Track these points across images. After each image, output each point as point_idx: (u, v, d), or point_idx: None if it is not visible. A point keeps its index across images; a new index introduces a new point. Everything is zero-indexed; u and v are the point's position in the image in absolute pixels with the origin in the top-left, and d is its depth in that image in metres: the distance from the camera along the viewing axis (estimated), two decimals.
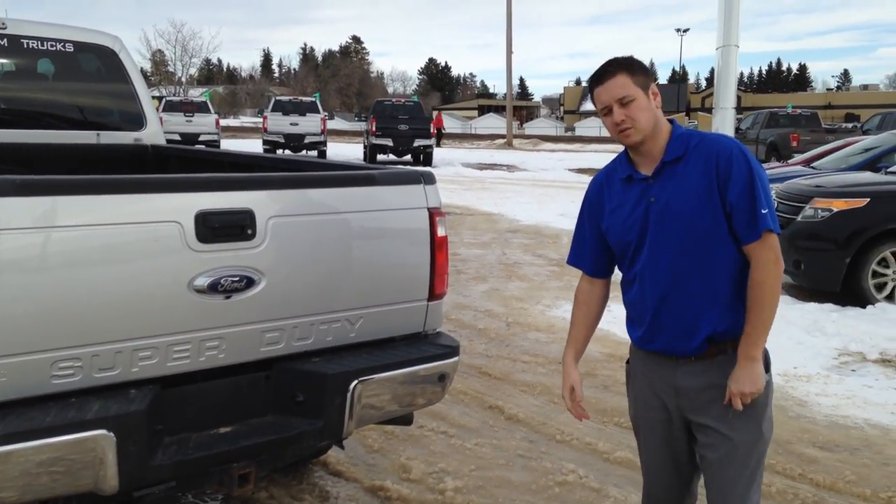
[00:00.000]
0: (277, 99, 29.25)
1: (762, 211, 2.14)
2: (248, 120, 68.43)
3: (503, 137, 42.92)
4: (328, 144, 27.53)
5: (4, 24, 4.25)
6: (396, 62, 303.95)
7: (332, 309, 2.73)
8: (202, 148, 12.72)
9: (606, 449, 4.08)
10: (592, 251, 2.45)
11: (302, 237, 2.65)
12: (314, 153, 25.90)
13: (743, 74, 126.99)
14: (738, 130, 20.43)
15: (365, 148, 26.84)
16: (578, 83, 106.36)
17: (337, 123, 57.36)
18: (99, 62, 4.66)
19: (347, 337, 2.79)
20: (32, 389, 2.19)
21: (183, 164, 4.55)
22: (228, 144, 28.19)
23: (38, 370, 2.20)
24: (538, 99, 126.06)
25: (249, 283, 2.49)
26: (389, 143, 25.26)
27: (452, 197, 15.76)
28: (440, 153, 28.93)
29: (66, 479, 2.15)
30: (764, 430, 2.28)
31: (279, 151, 25.42)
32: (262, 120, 28.76)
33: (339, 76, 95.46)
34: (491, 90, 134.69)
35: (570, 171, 24.47)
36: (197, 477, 2.51)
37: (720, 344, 2.24)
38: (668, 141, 2.25)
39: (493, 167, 26.02)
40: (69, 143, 4.45)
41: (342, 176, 2.94)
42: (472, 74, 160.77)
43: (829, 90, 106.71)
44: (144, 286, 2.34)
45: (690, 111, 68.00)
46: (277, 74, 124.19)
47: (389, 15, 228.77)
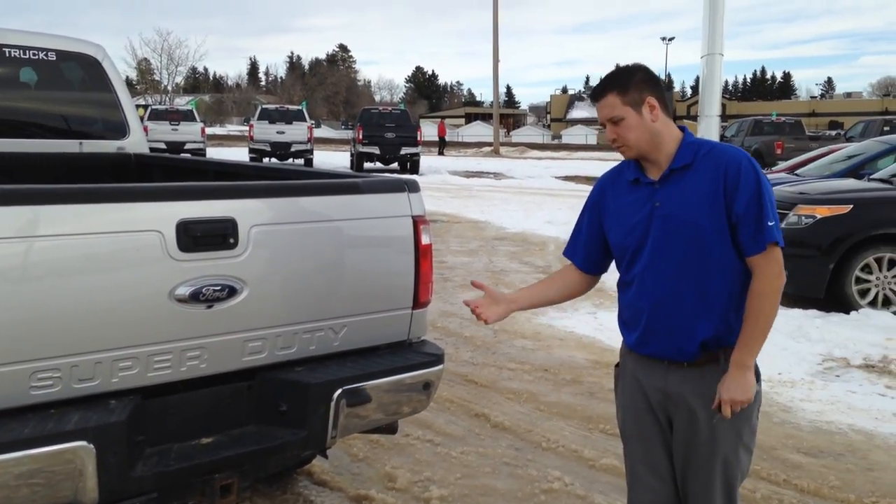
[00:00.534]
0: (264, 107, 29.17)
1: (769, 223, 2.16)
2: (234, 128, 68.28)
3: (490, 145, 43.02)
4: (315, 153, 27.49)
5: None
6: (383, 70, 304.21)
7: (315, 318, 2.72)
8: (186, 156, 12.67)
9: (592, 456, 4.08)
10: (586, 246, 2.49)
11: (285, 246, 2.64)
12: (301, 161, 25.86)
13: (728, 82, 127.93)
14: (722, 138, 20.59)
15: (352, 156, 26.82)
16: (565, 91, 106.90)
17: (324, 132, 57.29)
18: (82, 71, 4.63)
19: (331, 346, 2.78)
20: (11, 400, 2.17)
21: (166, 172, 4.53)
22: (214, 153, 28.10)
23: (16, 381, 2.17)
24: (525, 107, 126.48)
25: (231, 292, 2.48)
26: (376, 151, 25.27)
27: (439, 205, 15.77)
28: (427, 161, 28.95)
29: (45, 491, 2.13)
30: (745, 440, 2.30)
31: (266, 160, 25.35)
32: (248, 128, 28.68)
33: (325, 84, 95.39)
34: (478, 98, 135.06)
35: (556, 178, 24.55)
36: (178, 488, 2.48)
37: (713, 352, 2.26)
38: (677, 148, 2.27)
39: (479, 175, 26.07)
40: (52, 151, 4.42)
41: (326, 184, 2.94)
42: (459, 82, 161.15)
43: (812, 98, 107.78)
44: (125, 296, 2.32)
45: (676, 119, 68.35)
46: (264, 83, 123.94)
47: (376, 23, 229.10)
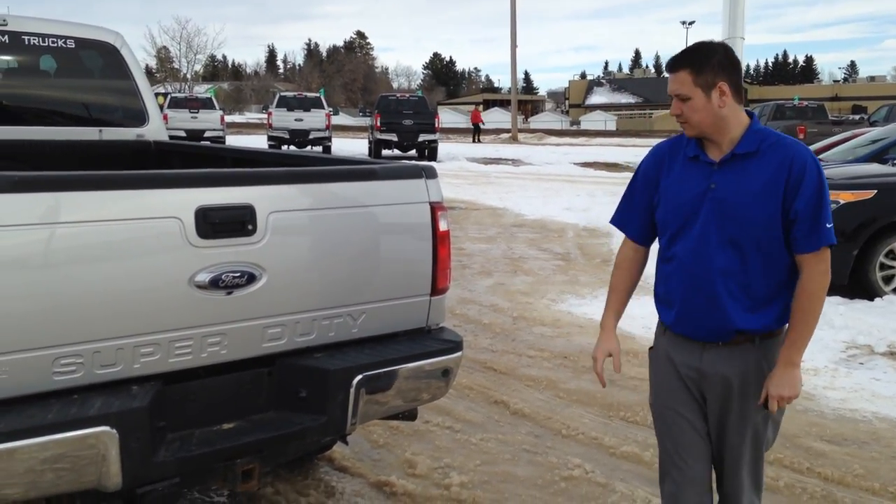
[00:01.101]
0: (282, 95, 29.20)
1: (827, 225, 2.20)
2: (253, 116, 68.46)
3: (508, 132, 42.84)
4: (333, 140, 27.51)
5: (5, 20, 4.24)
6: (401, 57, 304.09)
7: (333, 304, 2.72)
8: (204, 144, 12.73)
9: (613, 443, 4.07)
10: (640, 217, 2.48)
11: (303, 232, 2.64)
12: (319, 149, 25.88)
13: (749, 67, 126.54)
14: None
15: (370, 143, 26.82)
16: (583, 76, 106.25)
17: (342, 119, 57.31)
18: (101, 58, 4.65)
19: (350, 332, 2.78)
20: (34, 386, 2.19)
21: (185, 160, 4.54)
22: (234, 140, 28.22)
23: (39, 367, 2.19)
24: (543, 93, 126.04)
25: (251, 278, 2.48)
26: (394, 138, 25.23)
27: (457, 192, 15.73)
28: (445, 148, 28.86)
29: (70, 475, 2.15)
30: (775, 416, 2.37)
31: (284, 147, 25.41)
32: (266, 116, 28.73)
33: (343, 72, 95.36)
34: (496, 84, 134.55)
35: (575, 164, 24.41)
36: (200, 473, 2.50)
37: (748, 333, 2.29)
38: (742, 134, 2.26)
39: (497, 161, 25.98)
40: (71, 139, 4.45)
41: (343, 171, 2.92)
42: (476, 69, 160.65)
43: (835, 82, 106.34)
44: (145, 282, 2.33)
45: None
46: (282, 70, 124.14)
47: (394, 10, 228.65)
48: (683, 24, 71.05)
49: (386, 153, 25.23)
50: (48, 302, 2.19)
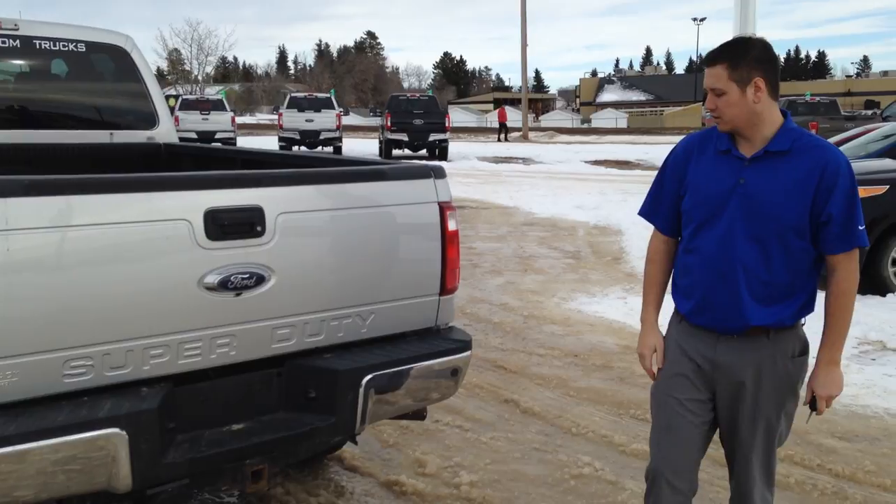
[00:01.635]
0: (293, 96, 29.25)
1: (860, 227, 2.22)
2: (264, 117, 68.67)
3: (519, 130, 42.75)
4: (344, 140, 27.55)
5: (17, 25, 4.27)
6: (411, 57, 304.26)
7: (342, 305, 2.73)
8: (215, 145, 12.75)
9: (622, 441, 4.06)
10: (669, 209, 2.48)
11: (312, 233, 2.65)
12: (330, 149, 25.93)
13: None
14: None
15: (380, 143, 26.84)
16: (594, 74, 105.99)
17: (352, 119, 57.34)
18: (111, 62, 4.68)
19: (359, 333, 2.79)
20: (45, 389, 2.21)
21: (196, 162, 4.57)
22: (245, 142, 28.29)
23: (50, 369, 2.21)
24: (554, 91, 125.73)
25: (259, 279, 2.49)
26: (405, 137, 25.26)
27: (468, 191, 15.73)
28: (455, 147, 28.83)
29: (80, 477, 2.16)
30: (788, 408, 2.40)
31: (295, 148, 25.45)
32: (277, 117, 28.79)
33: (354, 72, 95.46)
34: (507, 83, 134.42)
35: (586, 163, 24.36)
36: (209, 474, 2.51)
37: (762, 327, 2.31)
38: (776, 132, 2.26)
39: (508, 160, 25.95)
40: (82, 142, 4.48)
41: (352, 171, 2.93)
42: (487, 68, 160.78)
43: (848, 77, 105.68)
44: (155, 284, 2.35)
45: None
46: (293, 71, 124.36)
47: (404, 10, 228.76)
48: (695, 20, 70.92)
49: (396, 153, 25.24)
50: (59, 304, 2.20)
